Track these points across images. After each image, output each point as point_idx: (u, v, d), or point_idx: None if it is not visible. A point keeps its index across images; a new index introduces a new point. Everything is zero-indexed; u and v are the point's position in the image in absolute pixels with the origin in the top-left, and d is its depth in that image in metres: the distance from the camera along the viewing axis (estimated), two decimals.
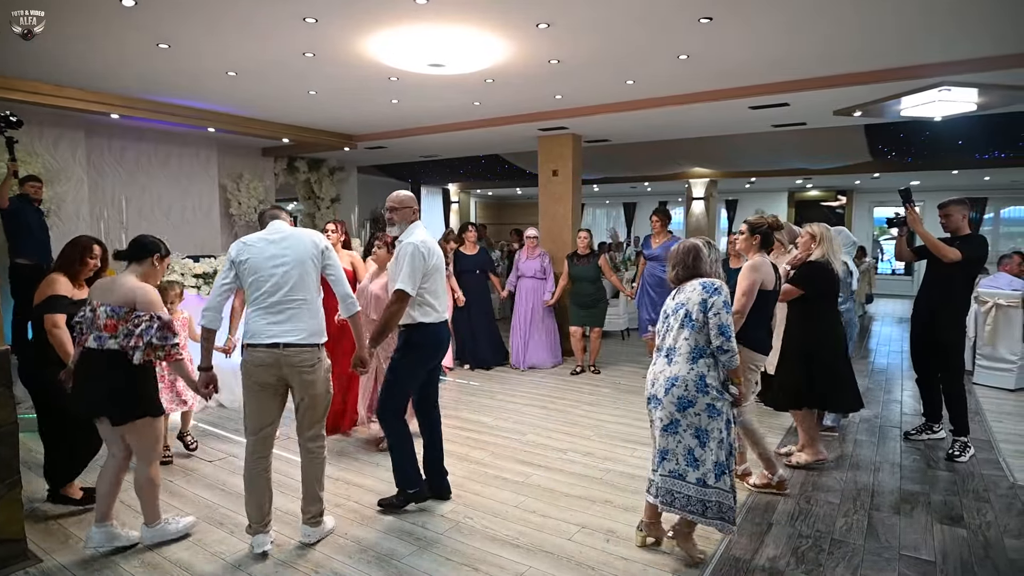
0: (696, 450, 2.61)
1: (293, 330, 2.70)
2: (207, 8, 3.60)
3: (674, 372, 2.64)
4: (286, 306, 2.71)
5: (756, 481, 3.49)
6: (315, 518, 2.91)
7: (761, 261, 3.36)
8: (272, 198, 9.33)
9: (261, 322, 2.70)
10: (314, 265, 2.79)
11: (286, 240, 2.78)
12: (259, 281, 2.71)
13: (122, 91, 5.64)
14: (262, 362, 2.69)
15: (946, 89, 4.87)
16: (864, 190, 13.85)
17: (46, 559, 2.76)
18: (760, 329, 3.39)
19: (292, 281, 2.72)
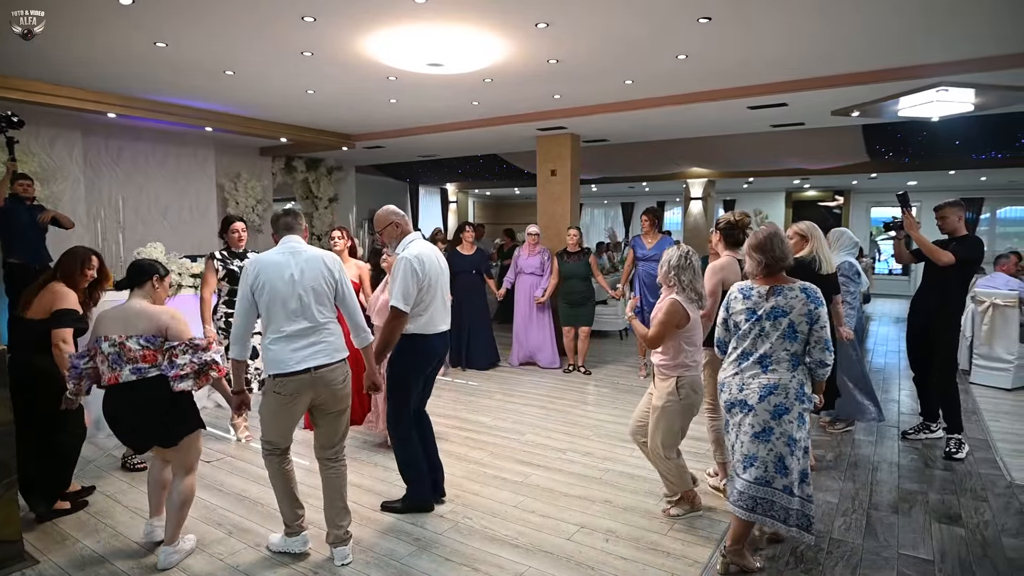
0: (787, 458, 2.52)
1: (322, 351, 2.66)
2: (205, 6, 3.58)
3: (773, 380, 2.54)
4: (311, 331, 2.64)
5: (713, 482, 3.54)
6: (347, 534, 2.79)
7: (727, 261, 3.34)
8: (270, 198, 9.31)
9: (286, 349, 2.60)
10: (328, 289, 2.72)
11: (301, 264, 2.67)
12: (279, 306, 2.61)
13: (119, 90, 5.61)
14: (296, 390, 2.62)
15: (944, 89, 4.88)
16: (861, 190, 13.88)
17: (43, 560, 2.75)
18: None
19: (313, 305, 2.65)
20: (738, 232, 3.39)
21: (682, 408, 3.01)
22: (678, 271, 2.93)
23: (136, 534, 2.97)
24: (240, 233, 4.25)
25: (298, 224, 2.81)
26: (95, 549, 2.84)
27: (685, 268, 2.94)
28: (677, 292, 2.95)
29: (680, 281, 2.94)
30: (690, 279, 2.94)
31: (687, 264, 2.94)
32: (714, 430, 3.41)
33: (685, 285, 2.93)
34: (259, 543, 2.91)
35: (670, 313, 2.92)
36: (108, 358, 2.61)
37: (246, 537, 2.97)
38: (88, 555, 2.80)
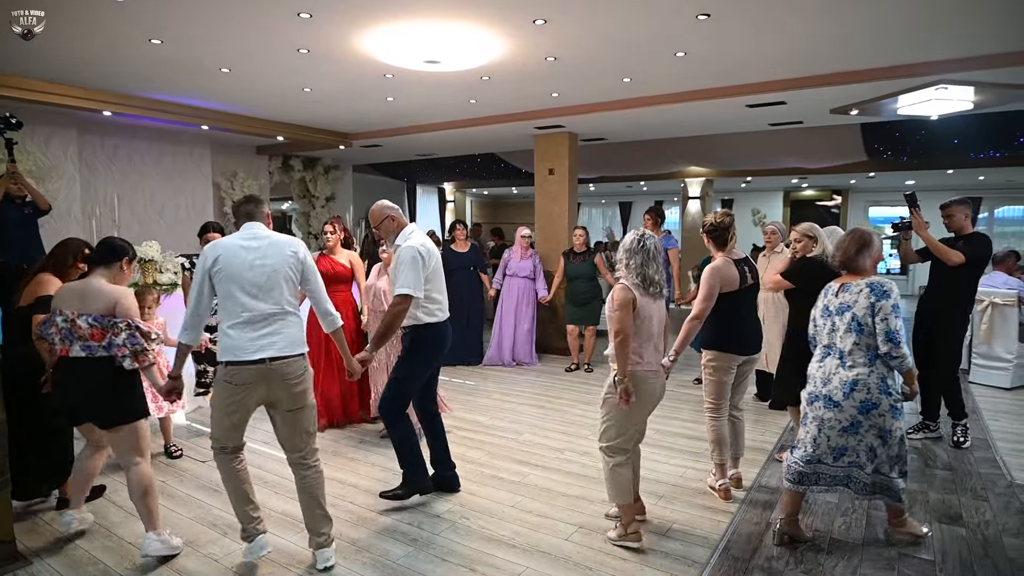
0: (878, 448, 2.70)
1: (279, 342, 2.54)
2: (200, 3, 3.55)
3: (853, 376, 2.65)
4: (269, 319, 2.54)
5: (708, 481, 3.50)
6: (328, 539, 2.71)
7: (722, 263, 3.28)
8: (267, 197, 9.26)
9: (242, 337, 2.51)
10: (292, 274, 2.63)
11: (263, 248, 2.59)
12: (237, 292, 2.52)
13: (115, 88, 5.57)
14: (247, 380, 2.52)
15: (943, 87, 4.87)
16: (859, 189, 13.89)
17: (35, 560, 2.72)
18: (733, 332, 3.30)
19: (274, 293, 2.56)
20: (722, 232, 3.34)
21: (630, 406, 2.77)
22: (629, 254, 2.80)
23: (129, 534, 2.95)
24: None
25: (259, 211, 2.73)
26: (88, 549, 2.81)
27: (636, 252, 2.78)
28: (625, 276, 2.82)
29: (627, 265, 2.80)
30: (639, 264, 2.77)
31: (639, 248, 2.78)
32: (714, 430, 3.38)
33: (632, 269, 2.78)
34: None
35: (616, 299, 2.78)
36: (61, 331, 2.64)
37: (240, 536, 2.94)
38: (81, 555, 2.77)
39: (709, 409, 3.41)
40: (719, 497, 3.35)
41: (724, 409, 3.40)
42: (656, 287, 2.80)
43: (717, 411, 3.38)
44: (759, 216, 14.52)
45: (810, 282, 3.62)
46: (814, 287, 3.62)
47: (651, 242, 2.82)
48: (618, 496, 2.88)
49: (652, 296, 2.81)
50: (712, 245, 3.39)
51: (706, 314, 3.22)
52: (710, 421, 3.40)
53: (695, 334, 3.24)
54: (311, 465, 2.70)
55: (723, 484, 3.37)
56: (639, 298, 2.77)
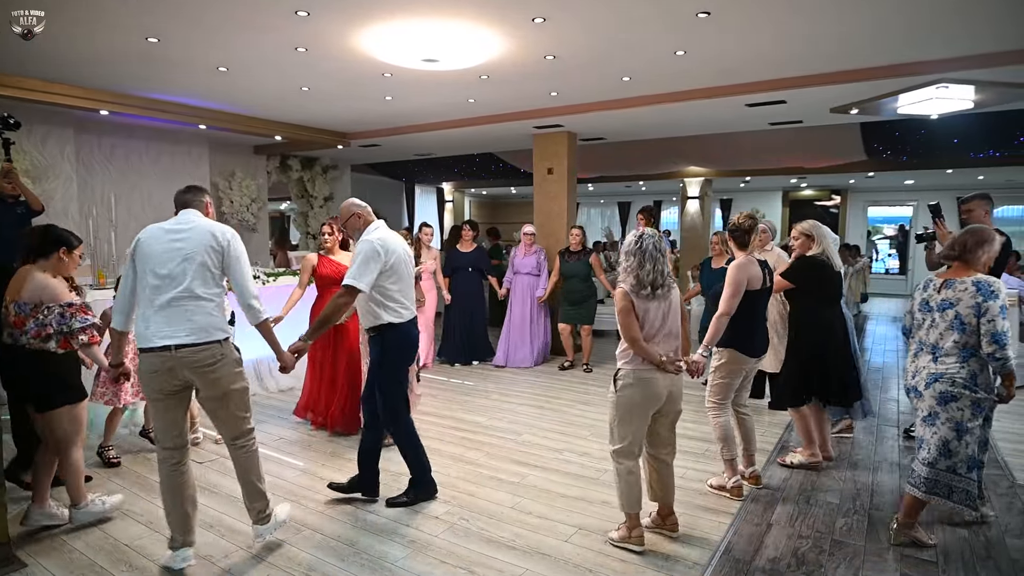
0: (952, 443, 2.71)
1: (183, 330, 2.47)
2: (198, 1, 3.52)
3: (939, 369, 2.71)
4: (177, 304, 2.48)
5: (713, 481, 3.46)
6: (263, 514, 2.76)
7: (746, 261, 3.28)
8: (265, 197, 9.23)
9: (150, 324, 2.48)
10: (212, 261, 2.55)
11: (184, 232, 2.56)
12: (150, 276, 2.50)
13: (112, 87, 5.55)
14: (155, 368, 2.48)
15: (943, 86, 4.85)
16: (858, 189, 13.88)
17: (31, 563, 2.69)
18: (749, 333, 3.31)
19: (186, 278, 2.49)
20: (743, 234, 3.34)
21: (618, 401, 2.79)
22: (626, 256, 2.76)
23: (124, 535, 2.92)
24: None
25: (196, 199, 2.72)
26: (83, 551, 2.78)
27: (632, 253, 2.74)
28: (623, 279, 2.79)
29: (625, 268, 2.76)
30: (635, 265, 2.71)
31: (635, 249, 2.74)
32: (720, 427, 3.36)
33: (629, 271, 2.73)
34: (251, 545, 2.86)
35: (616, 305, 2.78)
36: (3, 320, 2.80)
37: (238, 539, 2.92)
38: (76, 557, 2.74)
39: (713, 407, 3.39)
40: (731, 497, 3.32)
41: (727, 405, 3.40)
42: (654, 288, 2.72)
43: (720, 408, 3.38)
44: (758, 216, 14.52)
45: (810, 282, 3.64)
46: (814, 287, 3.64)
47: (649, 242, 2.74)
48: (626, 505, 2.81)
49: (653, 297, 2.73)
50: (734, 245, 3.38)
51: (734, 310, 3.20)
52: (715, 419, 3.38)
53: (723, 330, 3.21)
54: (242, 446, 2.72)
55: (736, 482, 3.34)
56: (637, 301, 2.73)
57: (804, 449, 3.81)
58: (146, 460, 3.91)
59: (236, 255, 2.63)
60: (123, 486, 3.49)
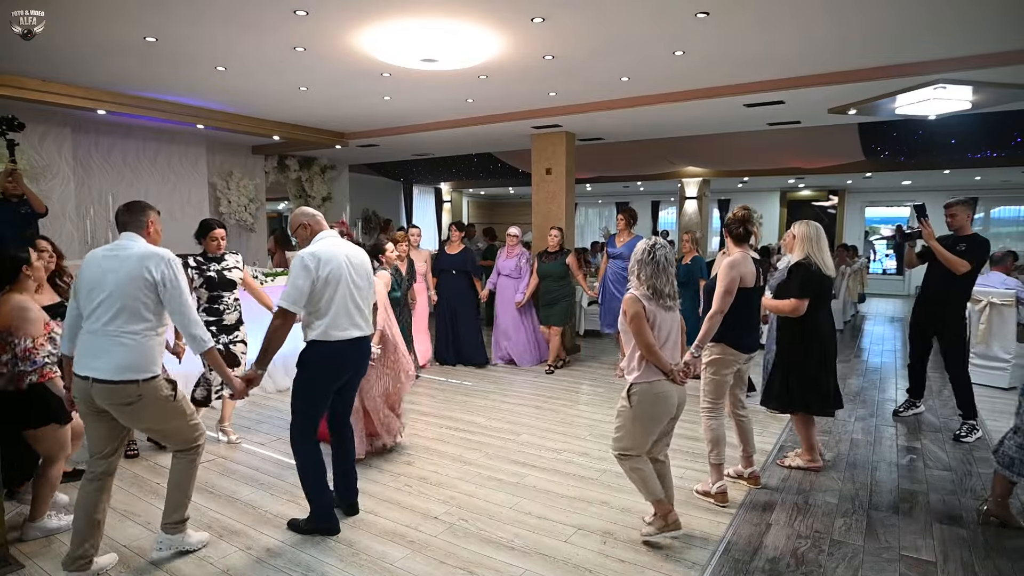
0: None
1: (104, 365, 2.39)
2: (196, 0, 3.51)
3: None
4: (103, 335, 2.41)
5: (699, 487, 3.42)
6: (172, 524, 2.70)
7: (740, 258, 3.25)
8: (263, 197, 9.22)
9: (80, 348, 2.47)
10: (143, 293, 2.43)
11: (116, 261, 2.45)
12: (86, 304, 2.45)
13: (109, 86, 5.53)
14: (79, 392, 2.46)
15: (941, 87, 4.87)
16: (856, 190, 13.91)
17: (28, 564, 2.68)
18: (741, 328, 3.26)
19: (114, 309, 2.40)
20: (742, 226, 3.30)
21: (634, 417, 2.76)
22: (640, 265, 2.76)
23: (122, 536, 2.91)
24: (220, 241, 4.03)
25: (134, 220, 2.57)
26: None
27: (646, 263, 2.74)
28: (635, 287, 2.80)
29: (638, 276, 2.76)
30: (648, 275, 2.73)
31: (649, 259, 2.74)
32: (711, 430, 3.33)
33: (643, 280, 2.75)
34: (250, 546, 2.85)
35: (627, 311, 2.76)
36: None
37: (236, 540, 2.91)
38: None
39: (707, 409, 3.37)
40: (715, 503, 3.28)
41: (722, 408, 3.37)
42: (667, 299, 2.75)
43: (715, 411, 3.35)
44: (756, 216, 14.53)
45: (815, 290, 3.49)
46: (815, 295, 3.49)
47: (662, 253, 2.75)
48: (649, 493, 2.82)
49: (664, 307, 2.76)
50: (731, 240, 3.35)
51: (727, 308, 3.16)
52: (708, 421, 3.36)
53: (716, 329, 3.17)
54: (181, 457, 2.71)
55: (721, 487, 3.30)
56: (649, 307, 2.74)
57: (804, 453, 3.78)
58: (144, 462, 3.90)
59: (171, 284, 2.48)
60: (120, 486, 3.47)
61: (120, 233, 2.56)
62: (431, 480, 3.60)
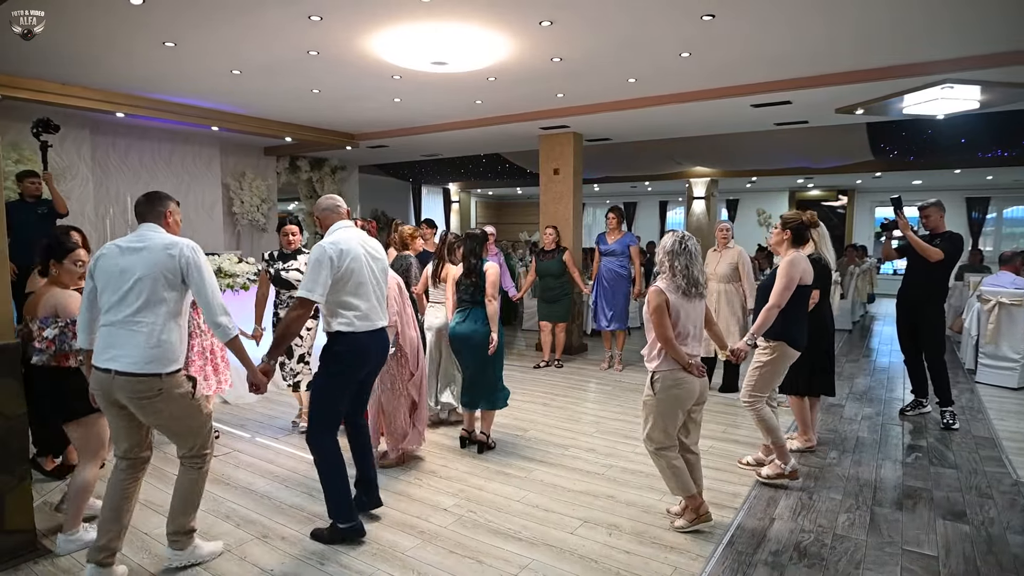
0: None
1: (127, 356, 2.36)
2: (214, 6, 3.62)
3: None
4: (124, 327, 2.38)
5: (768, 472, 3.49)
6: (176, 537, 2.60)
7: (798, 256, 3.37)
8: (274, 197, 9.36)
9: (101, 342, 2.42)
10: (166, 283, 2.41)
11: (137, 252, 2.42)
12: (106, 296, 2.42)
13: (127, 90, 5.66)
14: (98, 385, 2.43)
15: (949, 86, 4.88)
16: (865, 189, 13.85)
17: (55, 550, 2.77)
18: (797, 325, 3.41)
19: (135, 302, 2.38)
20: (805, 228, 3.44)
21: (658, 403, 2.86)
22: (672, 256, 2.84)
23: (147, 526, 3.00)
24: (290, 236, 4.31)
25: (154, 210, 2.54)
26: None
27: (680, 253, 2.84)
28: (665, 279, 2.86)
29: (672, 267, 2.84)
30: (684, 265, 2.83)
31: (682, 249, 2.84)
32: (761, 418, 3.40)
33: (677, 271, 2.83)
34: (266, 535, 2.94)
35: (651, 303, 2.84)
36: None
37: (252, 528, 3.00)
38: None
39: (752, 400, 3.41)
40: (789, 480, 3.43)
41: (763, 399, 3.44)
42: (700, 287, 2.87)
43: (759, 400, 3.41)
44: (764, 216, 14.51)
45: (825, 283, 3.79)
46: (826, 286, 3.78)
47: (692, 243, 2.88)
48: (681, 490, 2.93)
49: (691, 296, 2.86)
50: (788, 242, 3.44)
51: (785, 303, 3.29)
52: (754, 411, 3.41)
53: (771, 322, 3.30)
54: (189, 465, 2.62)
55: (793, 466, 3.43)
56: (672, 299, 2.83)
57: (800, 435, 3.98)
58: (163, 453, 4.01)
59: (196, 271, 2.44)
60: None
61: (139, 224, 2.53)
62: (440, 474, 3.68)
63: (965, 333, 6.55)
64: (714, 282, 5.32)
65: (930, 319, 4.56)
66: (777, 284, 3.32)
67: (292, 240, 4.32)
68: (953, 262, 4.49)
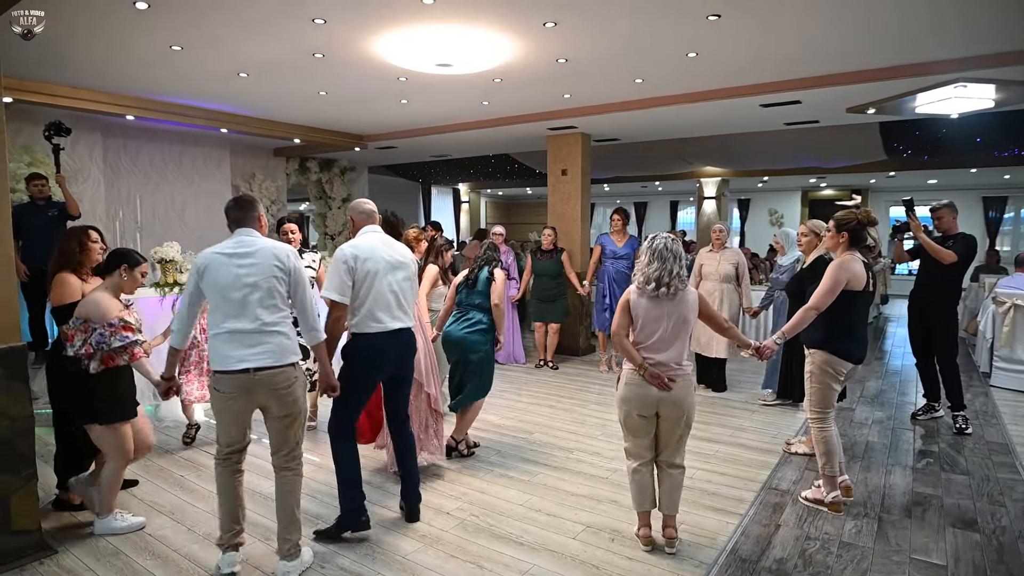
0: None
1: (262, 353, 2.50)
2: (218, 10, 3.64)
3: None
4: (253, 330, 2.50)
5: (808, 495, 3.29)
6: (294, 548, 2.65)
7: (850, 259, 3.09)
8: (284, 198, 9.42)
9: (227, 347, 2.50)
10: (278, 286, 2.56)
11: (250, 257, 2.53)
12: (219, 305, 2.51)
13: (137, 93, 5.73)
14: (233, 389, 2.52)
15: (962, 85, 4.80)
16: (880, 189, 13.66)
17: (61, 550, 2.81)
18: (846, 335, 3.13)
19: (254, 306, 2.50)
20: (862, 228, 3.13)
21: (618, 401, 2.83)
22: (645, 255, 2.77)
23: (149, 526, 3.03)
24: (290, 235, 4.29)
25: (249, 215, 2.64)
26: (111, 540, 2.90)
27: (644, 252, 2.76)
28: (635, 278, 2.80)
29: (643, 268, 2.75)
30: (644, 264, 2.74)
31: (647, 248, 2.76)
32: (824, 440, 3.15)
33: (640, 271, 2.76)
34: (268, 537, 2.95)
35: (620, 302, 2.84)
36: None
37: (254, 530, 3.01)
38: (104, 546, 2.86)
39: (814, 419, 3.18)
40: (829, 511, 3.16)
41: (831, 416, 3.19)
42: (659, 285, 2.69)
43: (824, 420, 3.16)
44: (776, 216, 14.38)
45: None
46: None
47: (660, 242, 2.75)
48: (633, 503, 2.87)
49: (657, 296, 2.71)
50: (845, 245, 3.16)
51: (825, 307, 3.05)
52: (816, 432, 3.17)
53: (808, 323, 3.08)
54: (289, 468, 2.69)
55: (836, 496, 3.17)
56: (634, 299, 2.77)
57: (809, 440, 3.85)
58: (169, 455, 4.04)
59: (300, 277, 2.63)
60: (147, 478, 3.61)
61: (234, 229, 2.61)
62: (444, 477, 3.68)
63: (980, 336, 6.43)
64: (716, 282, 5.33)
65: (943, 321, 4.50)
66: (821, 285, 3.06)
67: (292, 239, 4.31)
68: (967, 264, 4.43)
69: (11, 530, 2.69)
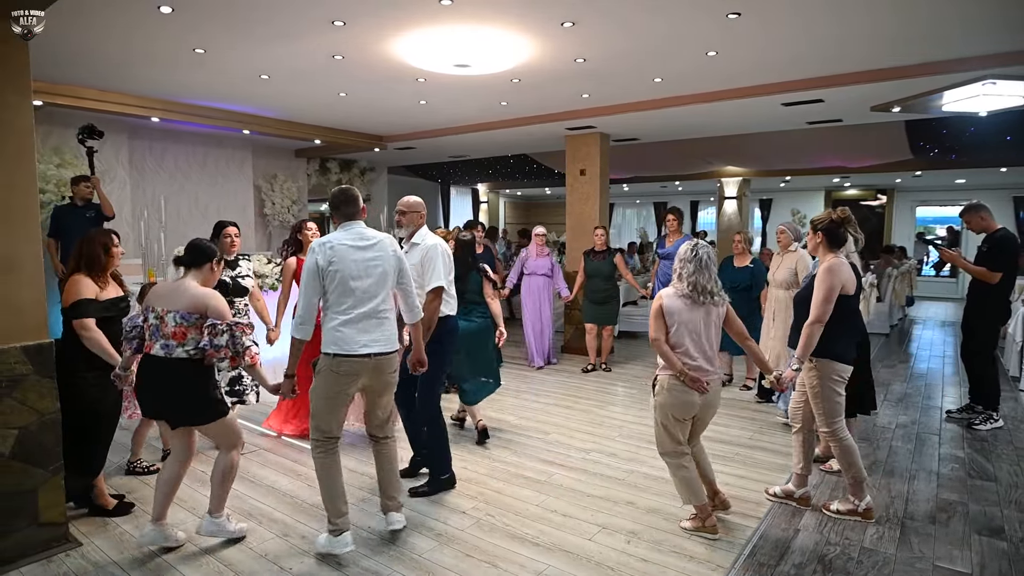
0: None
1: (382, 339, 2.78)
2: (240, 14, 3.70)
3: None
4: (372, 316, 2.75)
5: (840, 507, 3.15)
6: (398, 502, 3.00)
7: (837, 262, 3.04)
8: (305, 198, 9.53)
9: (350, 331, 2.70)
10: (392, 271, 2.83)
11: (374, 248, 2.79)
12: (348, 291, 2.71)
13: (162, 95, 5.85)
14: (353, 372, 2.73)
15: (991, 82, 4.67)
16: (905, 188, 13.37)
17: (85, 543, 2.88)
18: (843, 339, 3.07)
19: (380, 293, 2.77)
20: (843, 229, 3.09)
21: (656, 408, 2.95)
22: (682, 263, 2.89)
23: (174, 520, 3.07)
24: (233, 238, 3.99)
25: (357, 209, 2.87)
26: (135, 533, 2.96)
27: (688, 260, 2.87)
28: (673, 284, 2.93)
29: (680, 274, 2.89)
30: (690, 272, 2.85)
31: (691, 257, 2.87)
32: (844, 451, 3.07)
33: (684, 278, 2.86)
34: (287, 533, 2.99)
35: (653, 308, 2.96)
36: (150, 328, 2.71)
37: (274, 527, 3.06)
38: (128, 540, 2.92)
39: (827, 433, 3.08)
40: (862, 520, 3.08)
41: (843, 423, 3.10)
42: (707, 295, 2.85)
43: (839, 430, 3.07)
44: (798, 217, 14.15)
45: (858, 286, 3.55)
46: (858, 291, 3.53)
47: (703, 252, 2.89)
48: (690, 497, 2.95)
49: (695, 303, 2.86)
50: (824, 247, 3.11)
51: (827, 317, 3.00)
52: (833, 445, 3.09)
53: (816, 340, 3.00)
54: (390, 436, 2.99)
55: (868, 504, 3.09)
56: (668, 303, 2.87)
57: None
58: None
59: (406, 265, 2.91)
60: None
61: (346, 222, 2.83)
62: (460, 476, 3.68)
63: (1009, 339, 6.26)
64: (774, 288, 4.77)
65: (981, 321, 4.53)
66: (816, 296, 3.00)
67: (235, 243, 4.01)
68: (1012, 268, 4.37)
69: (39, 522, 2.76)
